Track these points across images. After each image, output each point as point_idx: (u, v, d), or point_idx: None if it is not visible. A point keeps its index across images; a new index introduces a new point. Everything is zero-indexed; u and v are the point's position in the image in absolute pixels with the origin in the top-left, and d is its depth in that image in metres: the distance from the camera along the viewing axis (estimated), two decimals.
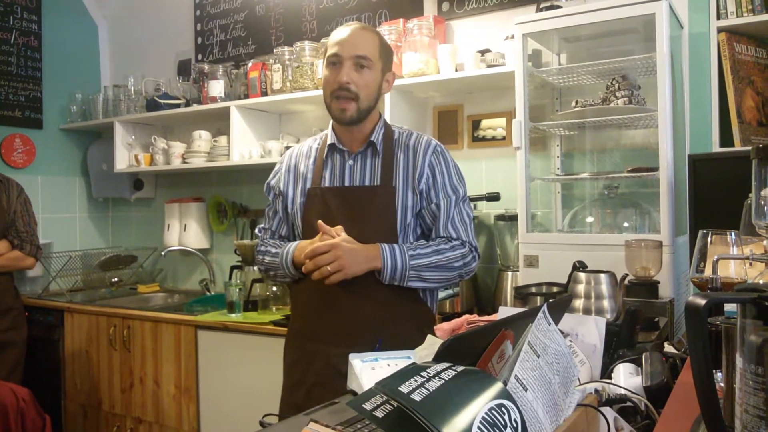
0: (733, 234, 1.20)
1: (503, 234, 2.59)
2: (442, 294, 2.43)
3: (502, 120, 2.74)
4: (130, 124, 3.62)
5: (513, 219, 2.42)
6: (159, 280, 3.83)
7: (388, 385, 0.64)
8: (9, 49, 3.59)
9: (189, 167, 3.38)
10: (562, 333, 0.92)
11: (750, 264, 1.15)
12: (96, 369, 3.08)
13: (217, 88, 3.19)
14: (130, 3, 4.02)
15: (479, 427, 0.61)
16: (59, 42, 3.85)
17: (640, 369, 1.13)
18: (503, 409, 0.65)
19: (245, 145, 3.14)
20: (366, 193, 1.68)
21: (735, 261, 1.19)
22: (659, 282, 1.71)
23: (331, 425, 0.76)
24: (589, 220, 2.33)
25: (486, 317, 1.57)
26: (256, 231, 1.90)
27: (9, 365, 2.82)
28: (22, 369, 2.92)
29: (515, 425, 0.65)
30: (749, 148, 1.18)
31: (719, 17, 2.11)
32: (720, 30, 2.11)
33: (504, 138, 2.72)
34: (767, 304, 0.65)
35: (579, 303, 1.56)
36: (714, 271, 1.15)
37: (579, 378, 1.02)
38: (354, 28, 1.68)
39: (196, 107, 3.29)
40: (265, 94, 3.05)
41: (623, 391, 1.05)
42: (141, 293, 3.59)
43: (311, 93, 2.87)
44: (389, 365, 1.04)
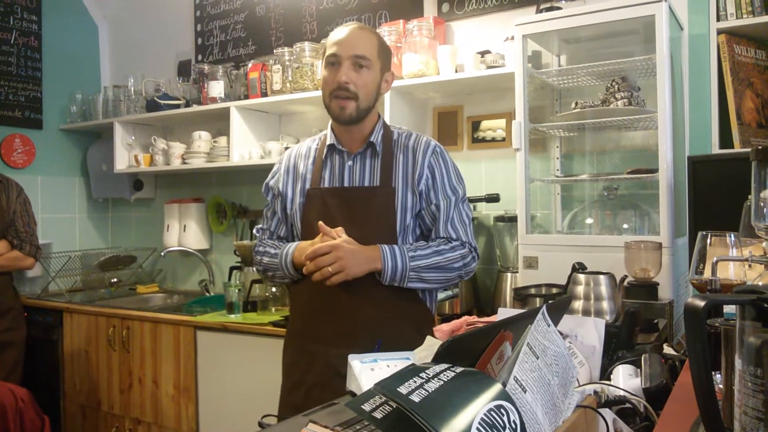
0: (733, 236, 1.20)
1: (503, 235, 2.59)
2: (441, 295, 2.43)
3: (501, 121, 2.74)
4: (129, 124, 3.62)
5: (512, 220, 2.42)
6: (158, 280, 3.83)
7: (387, 386, 0.64)
8: (9, 49, 3.59)
9: (189, 168, 3.38)
10: (561, 334, 0.92)
11: (749, 266, 1.14)
12: (95, 369, 3.08)
13: (217, 88, 3.19)
14: (130, 3, 4.02)
15: (478, 429, 0.61)
16: (59, 42, 3.85)
17: (639, 370, 1.13)
18: (502, 411, 0.65)
19: (245, 146, 3.14)
20: (365, 194, 1.68)
21: (734, 263, 1.18)
22: (658, 283, 1.71)
23: (330, 426, 0.76)
24: (589, 221, 2.33)
25: (485, 318, 1.56)
26: (254, 231, 1.90)
27: (8, 365, 2.82)
28: (21, 369, 2.92)
29: (514, 426, 0.65)
30: (749, 149, 1.17)
31: (719, 19, 2.11)
32: (720, 31, 2.11)
33: (504, 139, 2.72)
34: (766, 305, 0.65)
35: (578, 304, 1.56)
36: (713, 273, 1.15)
37: (578, 379, 1.02)
38: (352, 28, 1.68)
39: (196, 108, 3.29)
40: (265, 94, 3.05)
41: (622, 393, 1.04)
42: (140, 294, 3.58)
43: (311, 94, 2.87)
44: (388, 366, 1.03)
